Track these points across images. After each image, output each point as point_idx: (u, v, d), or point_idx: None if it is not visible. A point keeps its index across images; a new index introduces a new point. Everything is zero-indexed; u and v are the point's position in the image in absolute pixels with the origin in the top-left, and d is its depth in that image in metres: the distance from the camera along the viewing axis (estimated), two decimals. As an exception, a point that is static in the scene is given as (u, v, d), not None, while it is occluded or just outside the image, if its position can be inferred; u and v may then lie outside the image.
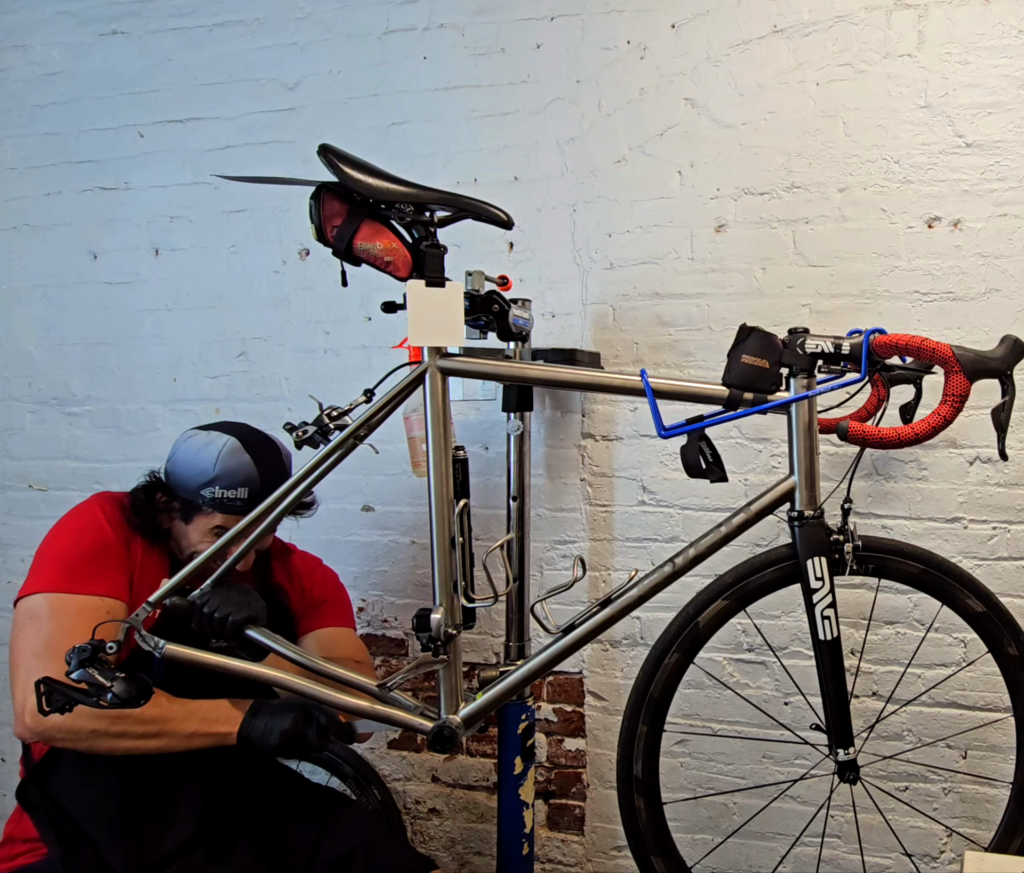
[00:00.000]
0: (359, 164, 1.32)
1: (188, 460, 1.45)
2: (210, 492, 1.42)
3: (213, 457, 1.43)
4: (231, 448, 1.44)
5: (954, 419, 1.18)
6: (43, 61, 2.20)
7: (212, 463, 1.42)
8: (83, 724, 1.31)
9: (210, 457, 1.43)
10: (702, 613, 1.40)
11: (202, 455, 1.44)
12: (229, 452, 1.44)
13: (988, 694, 1.77)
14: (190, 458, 1.45)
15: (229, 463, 1.43)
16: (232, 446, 1.45)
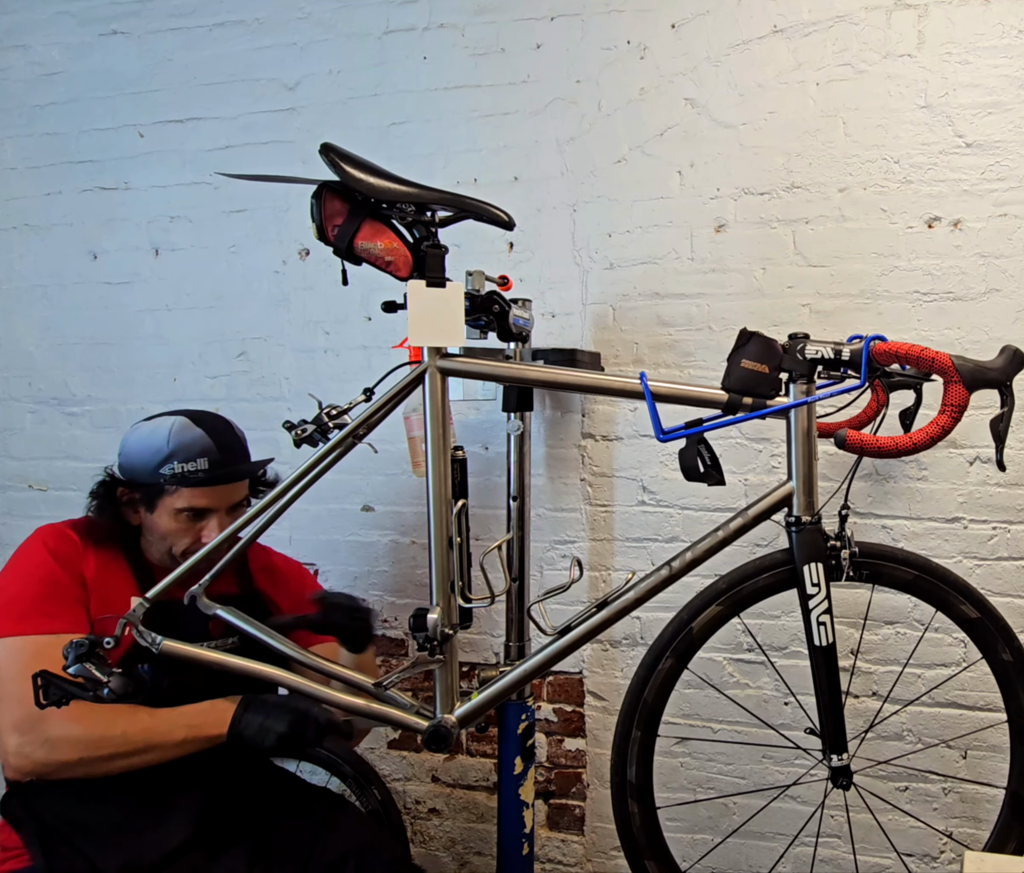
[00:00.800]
0: (361, 163, 1.32)
1: (140, 447, 1.44)
2: (169, 469, 1.40)
3: (164, 436, 1.42)
4: (181, 425, 1.44)
5: (953, 429, 1.18)
6: (43, 61, 2.20)
7: (165, 441, 1.42)
8: (68, 756, 1.29)
9: (161, 437, 1.42)
10: (696, 618, 1.40)
11: (153, 438, 1.43)
12: (180, 429, 1.44)
13: (988, 694, 1.77)
14: (141, 444, 1.44)
15: (182, 437, 1.42)
16: (181, 423, 1.45)
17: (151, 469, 1.42)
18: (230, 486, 1.48)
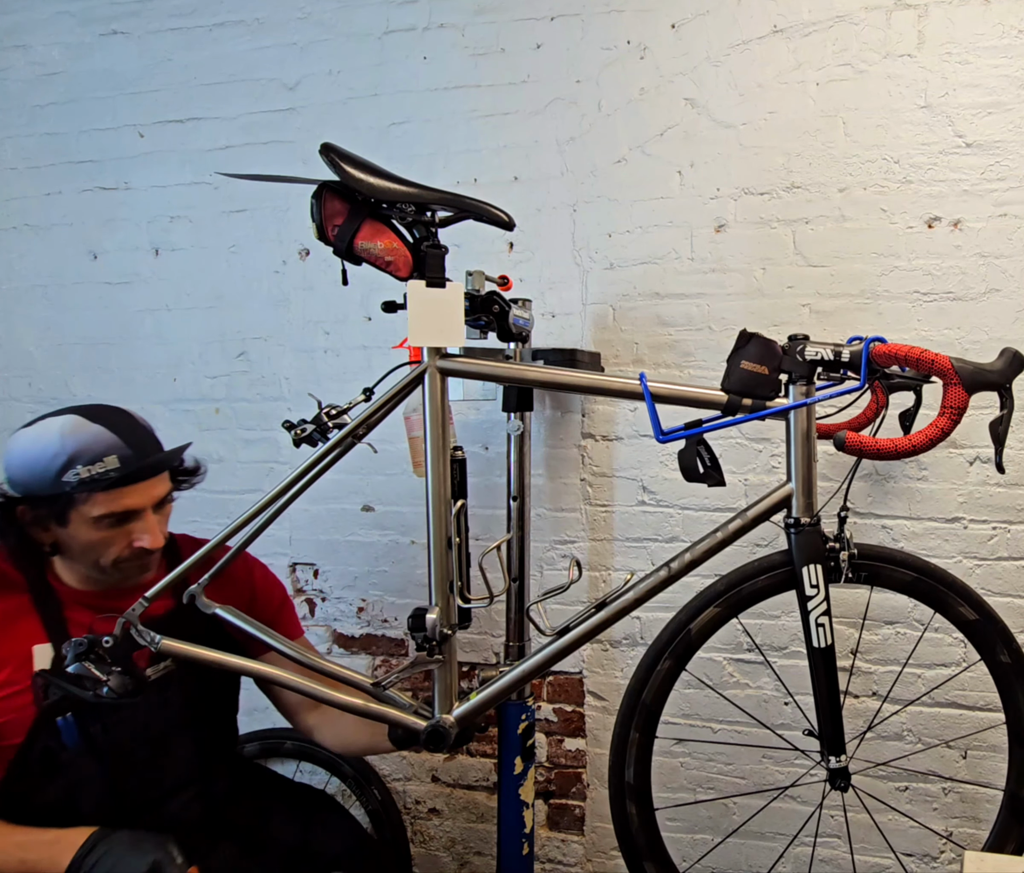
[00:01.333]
0: (361, 163, 1.32)
1: (29, 456, 1.24)
2: (74, 475, 1.22)
3: (55, 440, 1.24)
4: (73, 424, 1.26)
5: (952, 431, 1.18)
6: (43, 61, 2.20)
7: (58, 446, 1.23)
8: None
9: (52, 441, 1.24)
10: (694, 620, 1.40)
11: (42, 444, 1.24)
12: (73, 428, 1.25)
13: (988, 695, 1.77)
14: (30, 454, 1.24)
15: (80, 438, 1.24)
16: (73, 422, 1.26)
17: (51, 479, 1.23)
18: (150, 481, 1.31)
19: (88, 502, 1.24)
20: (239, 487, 2.12)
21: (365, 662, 2.12)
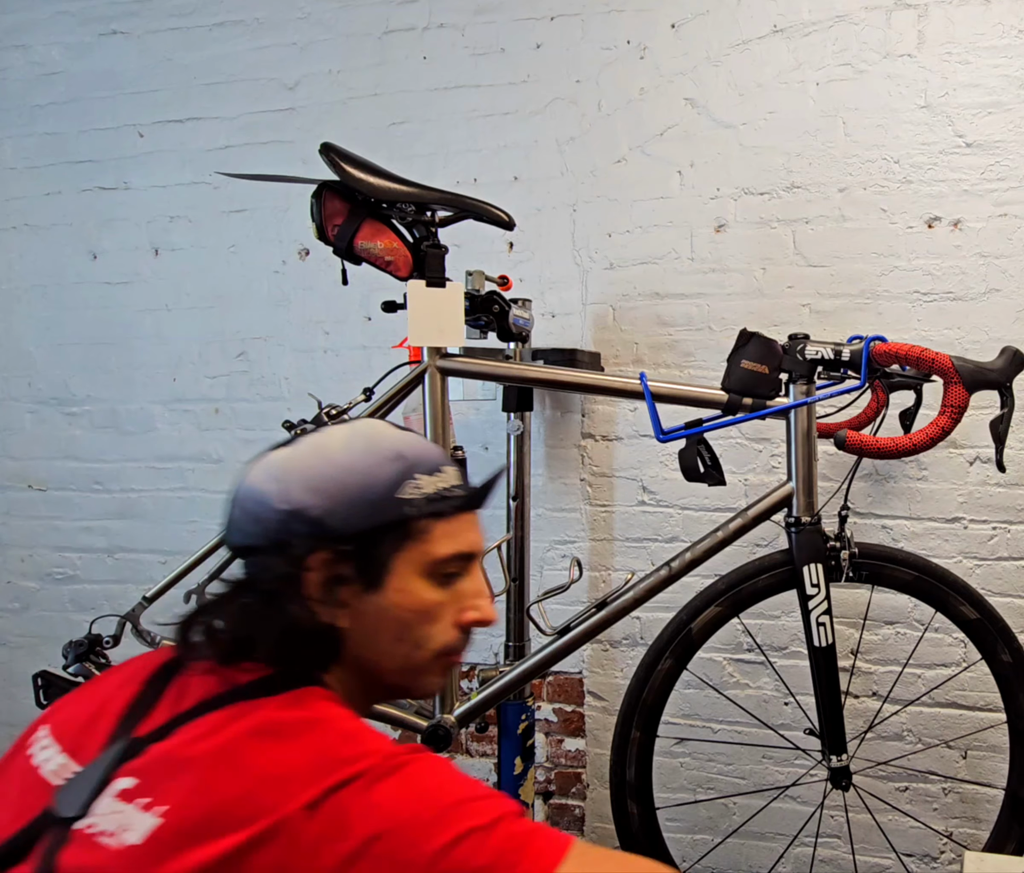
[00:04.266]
0: (361, 163, 1.32)
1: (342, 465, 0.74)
2: (415, 489, 0.75)
3: (382, 439, 0.77)
4: (383, 424, 0.81)
5: (953, 430, 1.18)
6: (43, 61, 2.20)
7: (390, 447, 0.76)
8: None
9: (377, 442, 0.76)
10: (695, 619, 1.40)
11: (361, 446, 0.75)
12: (387, 427, 0.80)
13: (988, 695, 1.76)
14: (344, 461, 0.74)
15: (408, 439, 0.79)
16: (379, 422, 0.82)
17: (382, 494, 0.73)
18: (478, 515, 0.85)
19: (427, 537, 0.75)
20: (239, 487, 2.12)
21: (365, 662, 2.11)
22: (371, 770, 0.61)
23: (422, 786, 0.62)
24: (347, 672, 0.75)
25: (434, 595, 0.76)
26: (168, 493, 2.17)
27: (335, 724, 0.66)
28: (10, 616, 2.28)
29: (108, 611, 1.37)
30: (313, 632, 0.71)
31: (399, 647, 0.75)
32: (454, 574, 0.78)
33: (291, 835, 0.58)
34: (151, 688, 0.71)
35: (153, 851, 0.58)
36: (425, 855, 0.58)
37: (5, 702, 2.29)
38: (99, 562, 2.22)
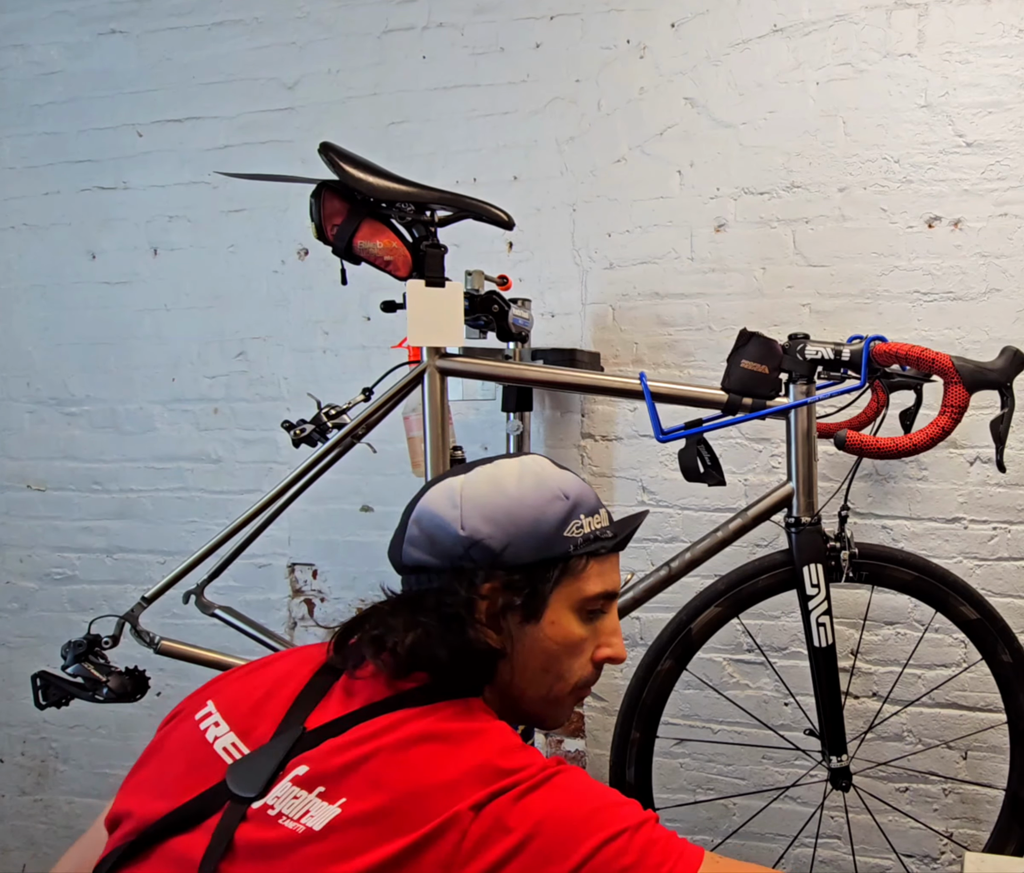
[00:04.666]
0: (360, 163, 1.32)
1: (521, 498, 0.79)
2: (577, 529, 0.81)
3: (553, 477, 0.82)
4: (544, 461, 0.85)
5: (953, 430, 1.18)
6: (42, 60, 2.19)
7: (558, 485, 0.81)
8: None
9: (549, 479, 0.82)
10: (695, 620, 1.39)
11: (535, 481, 0.81)
12: (552, 466, 0.85)
13: (988, 695, 1.76)
14: (522, 495, 0.79)
15: (570, 478, 0.84)
16: (541, 459, 0.86)
17: (551, 531, 0.79)
18: None
19: (583, 575, 0.80)
20: (238, 487, 2.12)
21: (364, 663, 2.11)
22: (528, 780, 0.67)
23: (572, 793, 0.68)
24: (493, 695, 0.79)
25: (581, 631, 0.81)
26: (167, 493, 2.16)
27: (497, 736, 0.71)
28: (9, 616, 2.28)
29: (107, 611, 1.37)
30: (479, 655, 0.76)
31: (544, 678, 0.80)
32: (598, 612, 0.82)
33: (458, 833, 0.62)
34: (318, 683, 0.75)
35: (332, 841, 0.62)
36: (577, 854, 0.63)
37: (4, 702, 2.29)
38: (98, 562, 2.21)
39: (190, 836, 0.65)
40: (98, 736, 2.26)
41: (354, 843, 0.62)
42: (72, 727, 2.25)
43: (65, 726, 2.23)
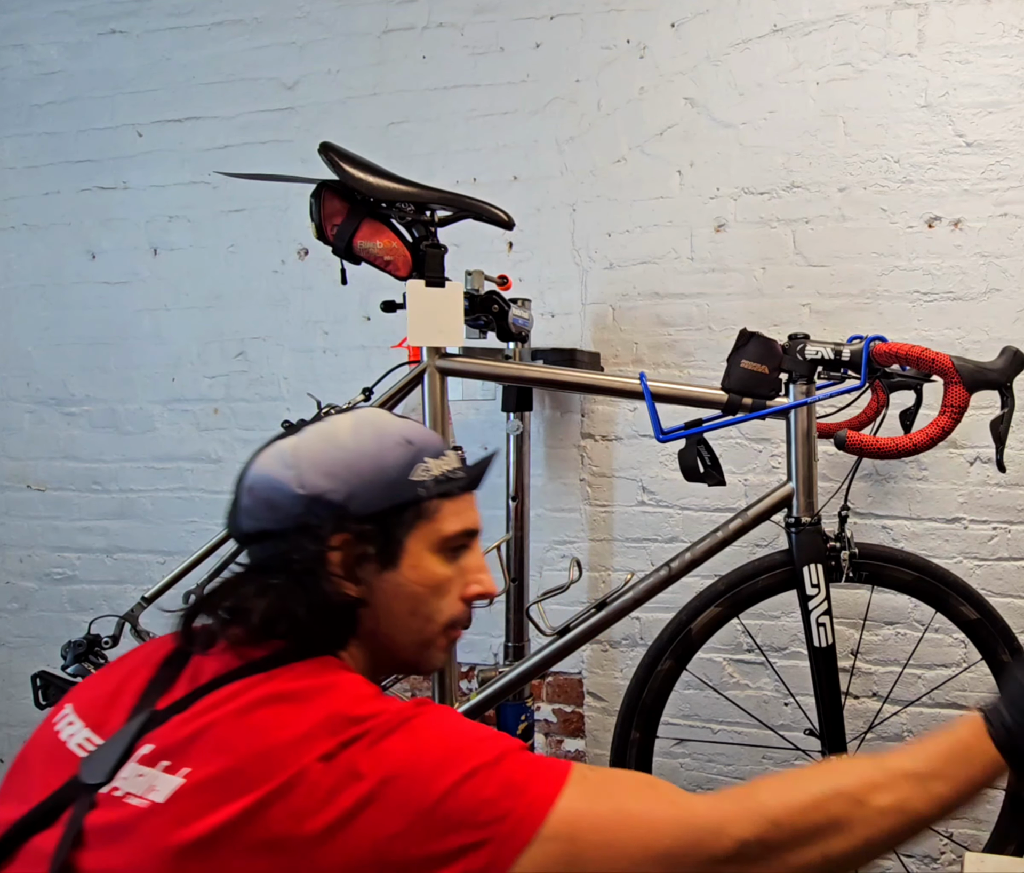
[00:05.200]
0: (360, 163, 1.32)
1: (362, 448, 0.78)
2: (425, 472, 0.80)
3: (392, 424, 0.82)
4: (384, 413, 0.85)
5: (953, 430, 1.18)
6: (41, 60, 2.19)
7: (399, 432, 0.80)
8: None
9: (389, 427, 0.81)
10: (695, 620, 1.39)
11: (375, 430, 0.80)
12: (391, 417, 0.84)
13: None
14: (362, 445, 0.78)
15: (414, 425, 0.84)
16: (380, 411, 0.86)
17: (398, 477, 0.78)
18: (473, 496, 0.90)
19: (437, 516, 0.80)
20: (238, 487, 2.12)
21: (364, 663, 2.11)
22: (382, 726, 0.65)
23: (429, 734, 0.66)
24: (360, 649, 0.78)
25: (444, 570, 0.80)
26: (167, 493, 2.16)
27: (348, 687, 0.70)
28: (9, 616, 2.28)
29: (107, 611, 1.37)
30: (339, 608, 0.75)
31: (412, 621, 0.79)
32: (460, 550, 0.83)
33: (308, 785, 0.61)
34: (168, 667, 0.74)
35: (177, 809, 0.61)
36: (434, 794, 0.62)
37: (4, 702, 2.29)
38: (98, 562, 2.21)
39: (48, 832, 0.65)
40: (98, 736, 2.26)
41: (198, 807, 0.61)
42: (72, 727, 2.25)
43: (65, 726, 2.24)
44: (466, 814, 0.62)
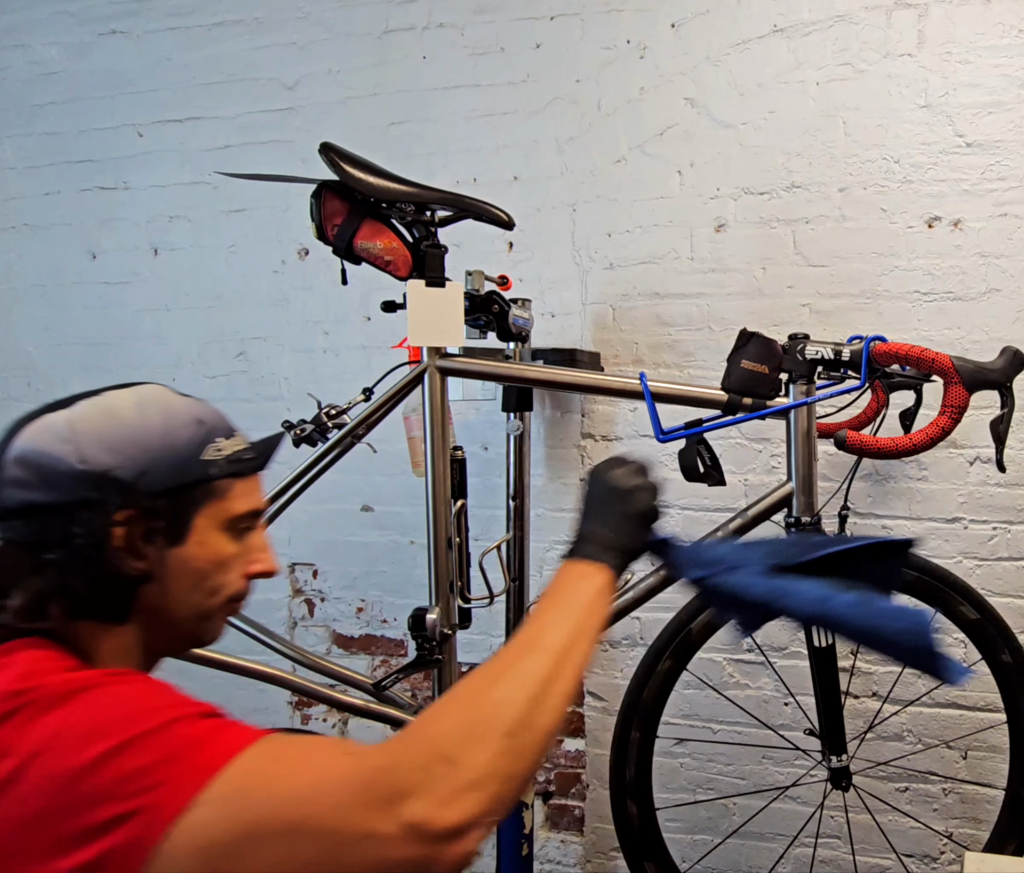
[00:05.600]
0: (361, 163, 1.32)
1: (151, 427, 0.79)
2: (216, 452, 0.81)
3: (182, 403, 0.83)
4: (171, 392, 0.86)
5: (953, 430, 1.18)
6: (42, 61, 2.20)
7: (188, 411, 0.82)
8: None
9: (179, 406, 0.83)
10: (695, 619, 1.40)
11: (163, 407, 0.82)
12: (181, 396, 0.85)
13: (988, 695, 1.76)
14: (151, 424, 0.79)
15: (204, 406, 0.86)
16: (167, 390, 0.87)
17: (189, 457, 0.79)
18: None
19: (227, 495, 0.81)
20: (238, 487, 2.12)
21: (364, 662, 2.11)
22: (43, 699, 0.62)
23: (99, 704, 0.62)
24: (140, 623, 0.78)
25: (230, 548, 0.82)
26: (167, 493, 2.16)
27: (22, 663, 0.67)
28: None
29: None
30: (122, 584, 0.75)
31: (194, 595, 0.80)
32: (246, 529, 0.84)
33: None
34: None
35: None
36: (79, 766, 0.57)
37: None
38: (98, 562, 2.21)
39: None
40: (98, 736, 2.26)
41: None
42: (72, 727, 2.25)
43: (65, 726, 2.23)
44: (114, 785, 0.57)
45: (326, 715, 2.14)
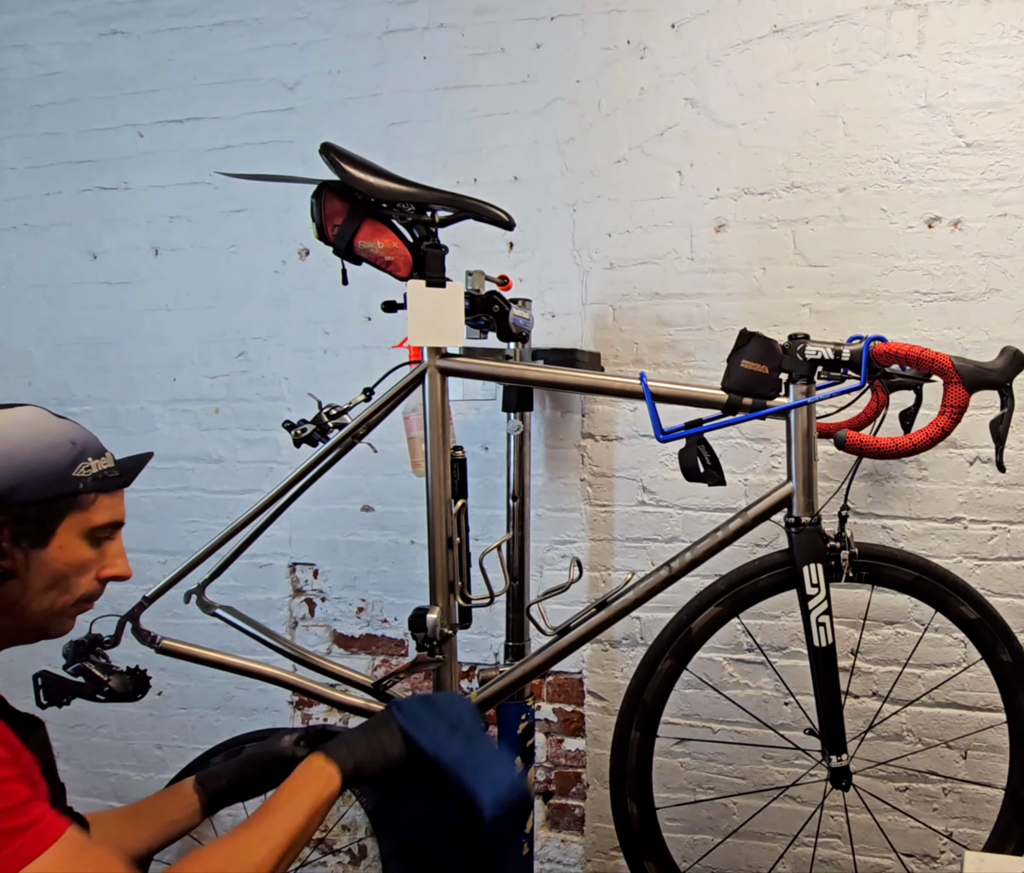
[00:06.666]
0: (361, 163, 1.32)
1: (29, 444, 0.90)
2: (86, 470, 0.93)
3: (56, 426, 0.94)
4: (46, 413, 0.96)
5: (953, 430, 1.18)
6: (43, 61, 2.20)
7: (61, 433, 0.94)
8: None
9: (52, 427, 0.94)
10: (695, 619, 1.40)
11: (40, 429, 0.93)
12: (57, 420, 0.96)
13: (988, 695, 1.76)
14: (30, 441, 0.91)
15: (76, 428, 0.97)
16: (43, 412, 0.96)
17: (62, 472, 0.91)
18: None
19: (92, 507, 0.94)
20: (239, 487, 2.12)
21: (365, 662, 2.11)
22: None
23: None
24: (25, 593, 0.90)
25: (89, 553, 0.94)
26: (168, 493, 2.17)
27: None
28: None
29: (108, 611, 1.36)
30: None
31: (49, 594, 0.92)
32: (105, 538, 0.96)
33: None
34: None
35: None
36: None
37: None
38: (99, 562, 2.21)
39: None
40: (99, 736, 2.26)
41: None
42: (73, 727, 2.25)
43: (66, 726, 2.23)
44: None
45: (326, 715, 2.14)
